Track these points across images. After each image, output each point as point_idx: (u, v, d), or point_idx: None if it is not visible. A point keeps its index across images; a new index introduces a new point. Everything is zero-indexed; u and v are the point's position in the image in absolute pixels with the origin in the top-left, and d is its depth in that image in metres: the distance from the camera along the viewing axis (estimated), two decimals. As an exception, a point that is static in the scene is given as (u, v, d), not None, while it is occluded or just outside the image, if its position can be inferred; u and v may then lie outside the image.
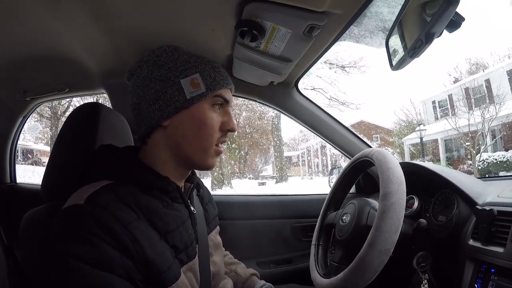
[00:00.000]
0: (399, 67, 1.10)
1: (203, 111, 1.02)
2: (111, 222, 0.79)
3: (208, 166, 1.06)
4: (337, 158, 22.43)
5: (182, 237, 0.97)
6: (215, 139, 1.04)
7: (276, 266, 2.08)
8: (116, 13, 1.23)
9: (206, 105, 1.03)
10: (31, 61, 1.63)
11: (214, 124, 1.03)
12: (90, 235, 0.76)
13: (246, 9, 1.15)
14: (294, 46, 1.36)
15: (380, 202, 1.08)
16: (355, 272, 1.05)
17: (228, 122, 1.06)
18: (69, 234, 0.77)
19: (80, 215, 0.80)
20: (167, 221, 0.93)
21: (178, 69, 1.02)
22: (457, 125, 18.29)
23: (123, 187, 0.90)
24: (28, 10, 1.20)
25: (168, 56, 1.04)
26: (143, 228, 0.85)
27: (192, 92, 1.00)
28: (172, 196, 1.00)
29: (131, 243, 0.80)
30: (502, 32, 41.38)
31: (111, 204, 0.83)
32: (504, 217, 1.09)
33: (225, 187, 16.69)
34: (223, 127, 1.06)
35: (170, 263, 0.88)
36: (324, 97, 19.82)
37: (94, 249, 0.75)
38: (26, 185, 2.43)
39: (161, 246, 0.88)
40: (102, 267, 0.74)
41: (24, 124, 2.39)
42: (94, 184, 0.90)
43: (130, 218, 0.83)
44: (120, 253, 0.78)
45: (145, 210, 0.89)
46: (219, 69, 1.08)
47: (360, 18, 1.21)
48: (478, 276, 1.09)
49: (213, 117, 1.03)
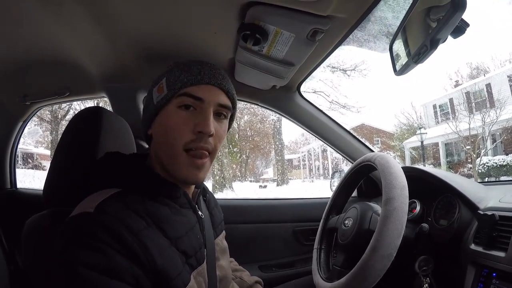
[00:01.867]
0: (402, 72, 1.10)
1: (168, 114, 0.96)
2: (121, 230, 0.79)
3: (184, 178, 0.97)
4: (338, 162, 22.42)
5: (192, 242, 0.96)
6: (183, 142, 0.94)
7: (278, 270, 2.09)
8: (118, 17, 1.23)
9: (171, 108, 0.96)
10: (31, 65, 1.64)
11: (179, 126, 0.94)
12: (100, 243, 0.75)
13: (249, 12, 1.15)
14: (297, 50, 1.36)
15: (383, 207, 1.08)
16: (358, 276, 1.05)
17: (199, 123, 0.94)
18: (78, 242, 0.76)
19: (90, 224, 0.79)
20: (176, 227, 0.93)
21: (154, 80, 1.03)
22: (457, 129, 18.28)
23: (132, 195, 0.90)
24: (30, 14, 1.20)
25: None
26: (153, 235, 0.85)
27: (157, 97, 0.98)
28: (180, 202, 0.99)
29: (141, 251, 0.79)
30: (504, 37, 41.34)
31: (120, 212, 0.82)
32: (506, 222, 1.09)
33: (226, 190, 16.68)
34: (195, 129, 0.94)
35: (179, 269, 0.88)
36: (325, 100, 19.83)
37: (103, 257, 0.74)
38: (26, 190, 2.43)
39: (171, 253, 0.88)
40: (110, 275, 0.74)
41: (24, 128, 2.40)
42: (102, 192, 0.90)
43: (140, 227, 0.83)
44: (129, 261, 0.77)
45: (155, 217, 0.88)
46: (191, 67, 0.98)
47: (364, 23, 1.21)
48: (479, 280, 1.09)
49: (179, 118, 0.95)
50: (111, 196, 0.87)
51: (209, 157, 0.99)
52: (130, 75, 1.62)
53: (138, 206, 0.87)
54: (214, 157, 1.02)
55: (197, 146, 0.95)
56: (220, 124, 1.01)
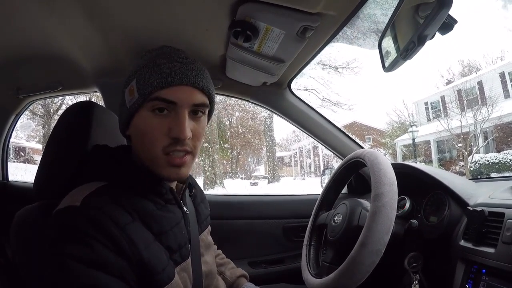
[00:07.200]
0: (391, 69, 1.11)
1: (142, 119, 0.92)
2: (108, 224, 0.79)
3: (166, 177, 0.95)
4: (329, 159, 22.44)
5: (176, 238, 0.96)
6: (160, 148, 0.91)
7: (267, 266, 2.09)
8: (111, 12, 1.22)
9: (144, 112, 0.92)
10: (24, 59, 1.63)
11: (154, 131, 0.91)
12: (86, 236, 0.76)
13: (240, 9, 1.15)
14: (287, 47, 1.36)
15: (372, 203, 1.08)
16: (347, 272, 1.05)
17: (173, 128, 0.90)
18: (65, 235, 0.77)
19: (76, 217, 0.79)
20: (161, 223, 0.92)
21: (125, 80, 0.99)
22: (449, 126, 18.38)
23: (117, 189, 0.89)
24: (22, 7, 1.19)
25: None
26: (139, 230, 0.85)
27: (129, 101, 0.93)
28: (165, 198, 0.98)
29: (127, 244, 0.79)
30: (494, 34, 41.62)
31: (106, 206, 0.82)
32: (495, 218, 1.09)
33: (217, 187, 16.66)
34: (170, 134, 0.91)
35: (164, 264, 0.88)
36: (316, 98, 19.91)
37: (90, 249, 0.75)
38: (18, 183, 2.42)
39: (156, 247, 0.88)
40: (97, 267, 0.74)
41: (17, 122, 2.39)
42: (88, 185, 0.90)
43: (126, 220, 0.83)
44: (115, 254, 0.77)
45: (140, 212, 0.88)
46: (161, 66, 0.91)
47: (353, 20, 1.22)
48: (469, 277, 1.10)
49: (153, 123, 0.91)
50: (97, 190, 0.87)
51: (190, 154, 0.96)
52: (123, 70, 1.60)
53: (124, 200, 0.87)
54: (196, 153, 0.99)
55: (175, 149, 0.92)
56: (198, 123, 0.97)
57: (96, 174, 0.95)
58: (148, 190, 0.95)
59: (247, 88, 1.91)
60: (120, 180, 0.93)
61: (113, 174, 0.94)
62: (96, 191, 0.87)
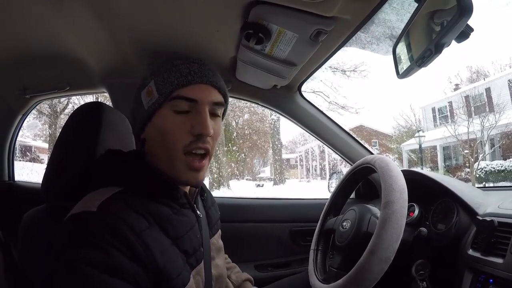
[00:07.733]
0: (405, 76, 1.10)
1: (163, 118, 0.95)
2: (124, 229, 0.79)
3: (185, 181, 0.98)
4: (336, 162, 22.43)
5: (192, 242, 0.97)
6: (181, 146, 0.93)
7: (274, 270, 2.09)
8: (120, 12, 1.22)
9: (165, 111, 0.95)
10: (32, 59, 1.63)
11: (175, 129, 0.93)
12: (102, 242, 0.76)
13: (253, 11, 1.14)
14: (300, 50, 1.35)
15: (382, 210, 1.07)
16: (355, 279, 1.04)
17: (197, 125, 0.93)
18: (79, 240, 0.77)
19: (92, 222, 0.79)
20: (177, 227, 0.93)
21: (140, 83, 1.01)
22: (456, 132, 18.32)
23: (133, 195, 0.89)
24: (30, 7, 1.19)
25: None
26: (156, 235, 0.85)
27: (148, 102, 0.96)
28: (180, 203, 0.99)
29: (142, 250, 0.80)
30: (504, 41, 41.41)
31: (123, 212, 0.83)
32: (505, 228, 1.08)
33: (223, 188, 16.68)
34: (193, 131, 0.94)
35: (180, 269, 0.88)
36: (324, 100, 19.85)
37: (105, 255, 0.75)
38: (24, 183, 2.43)
39: (172, 252, 0.88)
40: (112, 273, 0.74)
41: (24, 121, 2.40)
42: (103, 190, 0.90)
43: (142, 226, 0.83)
44: (130, 260, 0.77)
45: (156, 217, 0.89)
46: (179, 67, 0.96)
47: (367, 24, 1.21)
48: (476, 286, 1.09)
49: (175, 121, 0.94)
50: (113, 195, 0.87)
51: (207, 157, 0.99)
52: (131, 70, 1.61)
53: (140, 206, 0.87)
54: (211, 156, 1.01)
55: (197, 147, 0.95)
56: (216, 122, 1.01)
57: (110, 179, 0.94)
58: (163, 195, 0.95)
59: (257, 91, 1.90)
60: (136, 186, 0.93)
61: (129, 180, 0.94)
62: (112, 196, 0.87)
